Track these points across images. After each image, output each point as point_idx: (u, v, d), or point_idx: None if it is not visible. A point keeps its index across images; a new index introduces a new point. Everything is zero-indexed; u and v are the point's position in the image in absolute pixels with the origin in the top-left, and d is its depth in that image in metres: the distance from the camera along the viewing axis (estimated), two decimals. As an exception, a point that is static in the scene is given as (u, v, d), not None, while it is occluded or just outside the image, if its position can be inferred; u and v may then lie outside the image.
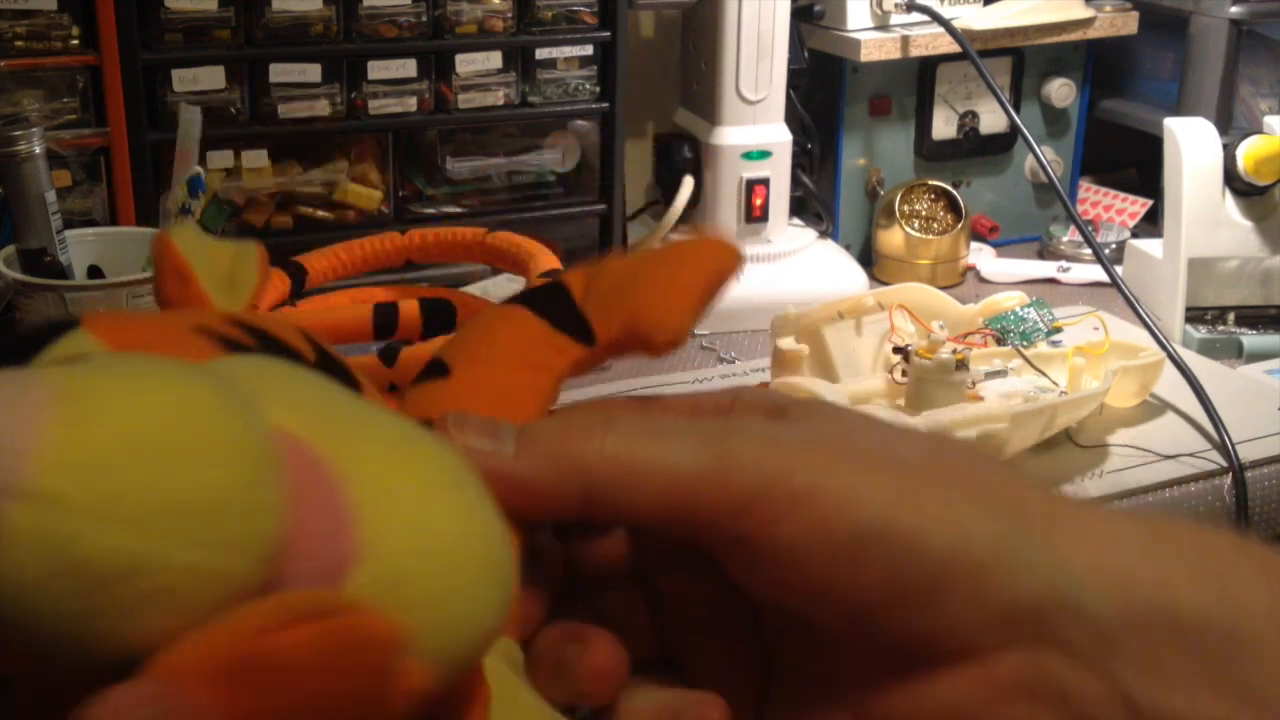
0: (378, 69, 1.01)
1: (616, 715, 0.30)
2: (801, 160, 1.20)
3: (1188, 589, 0.29)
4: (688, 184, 1.15)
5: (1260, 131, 1.08)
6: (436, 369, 0.34)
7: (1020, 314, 0.93)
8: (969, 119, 1.28)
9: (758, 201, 1.14)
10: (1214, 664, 0.29)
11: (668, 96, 1.23)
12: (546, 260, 0.91)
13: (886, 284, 1.13)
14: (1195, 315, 1.10)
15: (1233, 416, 0.91)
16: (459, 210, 1.07)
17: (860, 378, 0.89)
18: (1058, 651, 0.29)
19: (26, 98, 0.93)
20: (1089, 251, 1.17)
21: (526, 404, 0.33)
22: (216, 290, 0.35)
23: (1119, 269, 1.09)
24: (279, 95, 0.99)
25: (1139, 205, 1.34)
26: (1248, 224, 1.08)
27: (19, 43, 0.91)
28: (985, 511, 0.29)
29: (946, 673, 0.29)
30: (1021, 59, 1.27)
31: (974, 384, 0.86)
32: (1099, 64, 1.32)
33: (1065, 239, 1.28)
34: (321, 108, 1.00)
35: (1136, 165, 1.43)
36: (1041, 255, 1.30)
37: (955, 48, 1.18)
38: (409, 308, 0.91)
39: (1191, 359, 0.99)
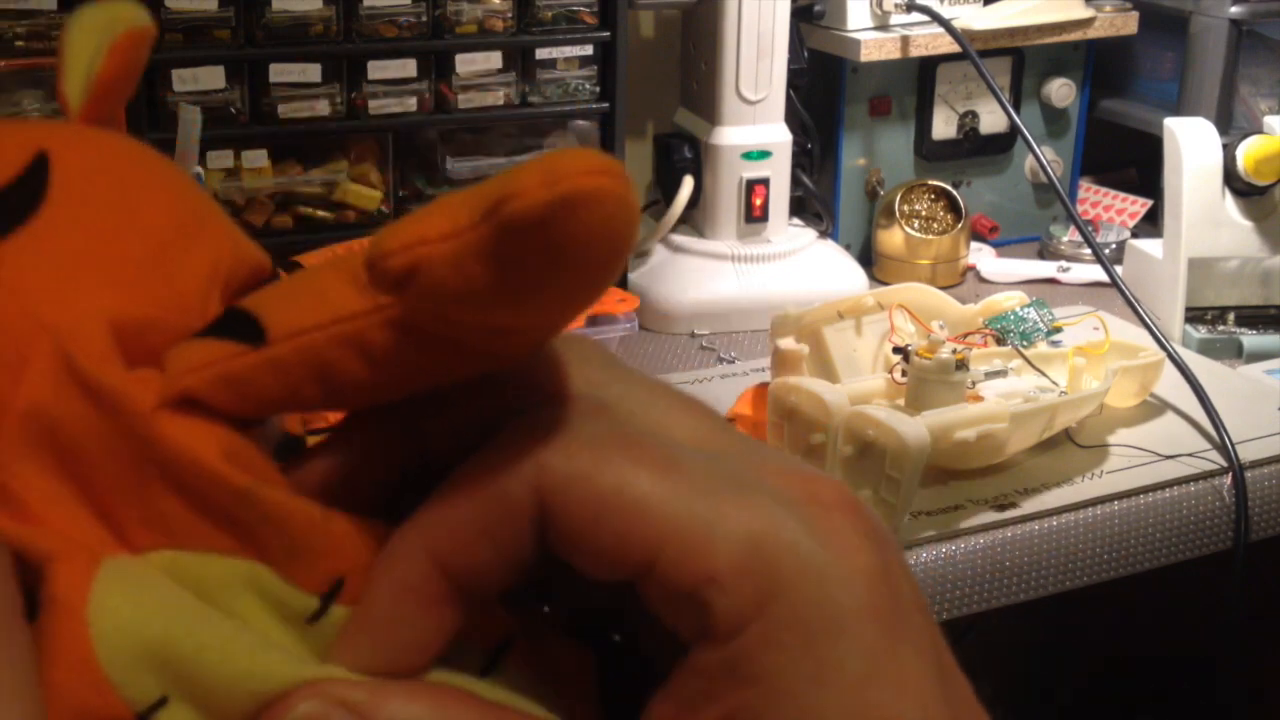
0: (378, 69, 1.01)
1: None
2: (801, 160, 1.20)
3: None
4: (688, 184, 1.15)
5: (1260, 131, 1.08)
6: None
7: (1020, 314, 0.93)
8: (969, 119, 1.28)
9: (758, 201, 1.14)
10: None
11: (668, 96, 1.23)
12: (546, 260, 0.91)
13: (886, 284, 1.13)
14: (1195, 315, 1.10)
15: (1233, 416, 0.91)
16: (459, 210, 1.07)
17: (860, 378, 0.89)
18: None
19: (26, 98, 0.93)
20: (1089, 251, 1.17)
21: None
22: (74, 80, 0.33)
23: (1119, 269, 1.09)
24: (279, 95, 0.99)
25: (1139, 205, 1.34)
26: (1248, 224, 1.08)
27: (19, 43, 0.91)
28: None
29: None
30: (1021, 59, 1.27)
31: (974, 384, 0.86)
32: (1099, 64, 1.32)
33: (1065, 239, 1.28)
34: (321, 108, 1.00)
35: (1136, 165, 1.43)
36: (1041, 255, 1.30)
37: (955, 48, 1.18)
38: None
39: (1191, 359, 0.99)
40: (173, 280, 0.28)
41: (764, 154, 1.14)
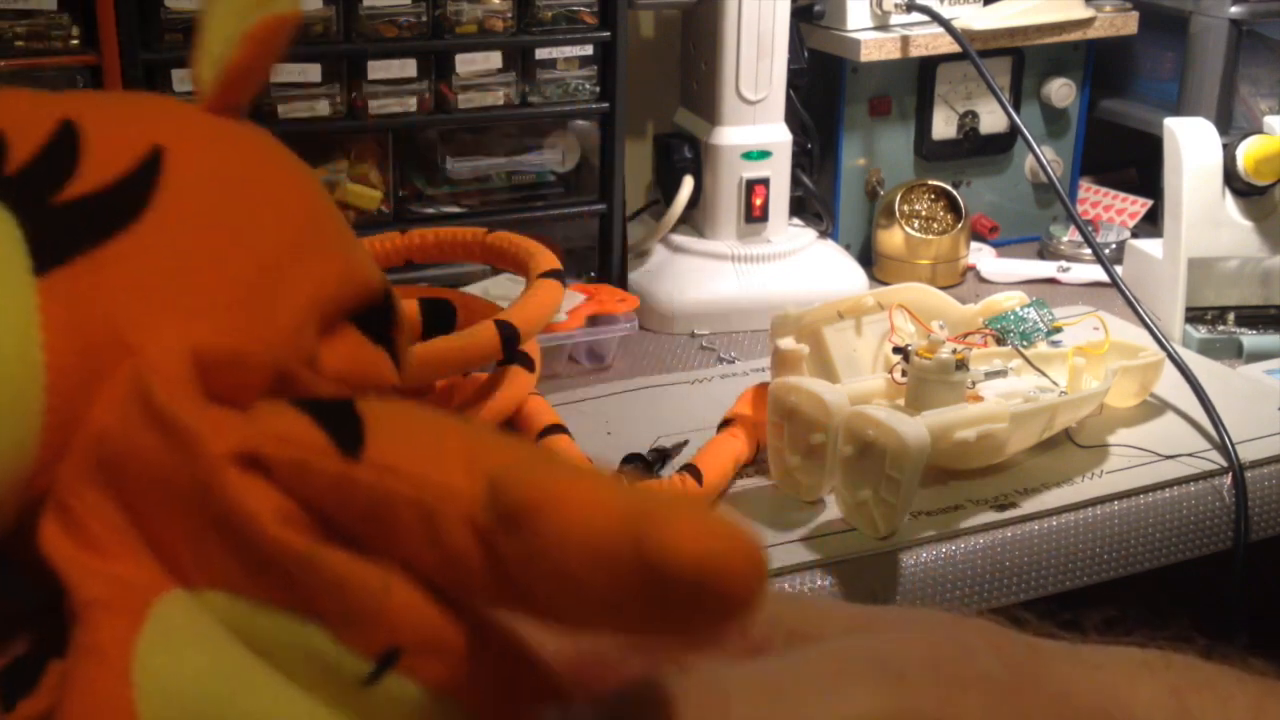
0: (378, 69, 1.01)
1: None
2: (801, 160, 1.20)
3: None
4: (688, 184, 1.15)
5: (1260, 131, 1.08)
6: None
7: (1020, 314, 0.93)
8: (969, 119, 1.28)
9: (758, 201, 1.14)
10: None
11: (668, 96, 1.23)
12: (546, 260, 0.91)
13: (886, 284, 1.13)
14: (1195, 315, 1.10)
15: (1233, 416, 0.91)
16: (459, 210, 1.07)
17: (860, 378, 0.89)
18: None
19: (26, 98, 0.92)
20: (1089, 251, 1.17)
21: None
22: (207, 64, 0.32)
23: (1119, 269, 1.09)
24: (279, 95, 0.99)
25: (1139, 205, 1.34)
26: (1248, 224, 1.08)
27: (19, 43, 0.91)
28: None
29: None
30: (1021, 59, 1.27)
31: (974, 384, 0.86)
32: (1099, 64, 1.32)
33: (1065, 239, 1.28)
34: (321, 108, 1.00)
35: (1136, 165, 1.43)
36: (1041, 255, 1.30)
37: (955, 48, 1.18)
38: (409, 308, 0.91)
39: (1191, 359, 0.99)
40: (269, 311, 0.27)
41: (764, 154, 1.14)
